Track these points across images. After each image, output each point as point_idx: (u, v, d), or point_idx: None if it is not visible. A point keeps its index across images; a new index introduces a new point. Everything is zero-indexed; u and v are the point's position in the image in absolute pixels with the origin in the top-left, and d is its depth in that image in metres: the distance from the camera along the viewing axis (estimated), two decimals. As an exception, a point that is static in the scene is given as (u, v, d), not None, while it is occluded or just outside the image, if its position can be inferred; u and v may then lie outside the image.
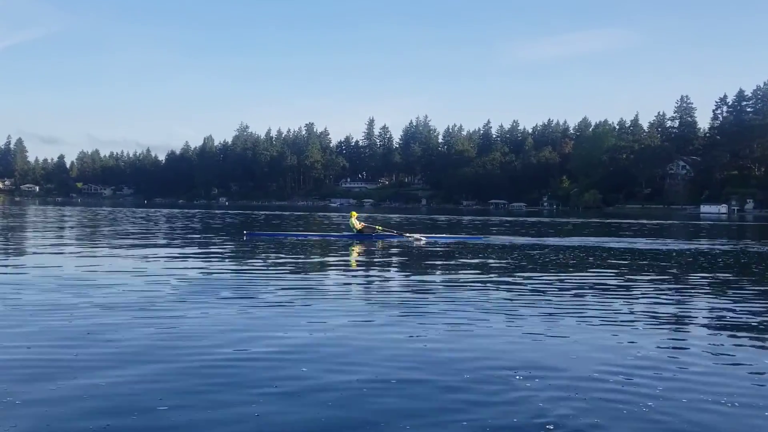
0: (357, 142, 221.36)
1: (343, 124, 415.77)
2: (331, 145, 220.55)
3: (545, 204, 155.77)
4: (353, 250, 21.47)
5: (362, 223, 27.41)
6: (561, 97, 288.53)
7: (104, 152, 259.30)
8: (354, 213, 28.07)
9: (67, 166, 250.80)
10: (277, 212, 78.95)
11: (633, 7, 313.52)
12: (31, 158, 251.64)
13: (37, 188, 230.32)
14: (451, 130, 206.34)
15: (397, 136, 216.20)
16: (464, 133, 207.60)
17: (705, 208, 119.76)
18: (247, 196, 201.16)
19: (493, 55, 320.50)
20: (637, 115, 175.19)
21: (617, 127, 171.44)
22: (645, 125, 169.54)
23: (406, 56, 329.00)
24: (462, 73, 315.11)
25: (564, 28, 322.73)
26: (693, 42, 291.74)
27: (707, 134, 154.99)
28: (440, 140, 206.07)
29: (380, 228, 27.31)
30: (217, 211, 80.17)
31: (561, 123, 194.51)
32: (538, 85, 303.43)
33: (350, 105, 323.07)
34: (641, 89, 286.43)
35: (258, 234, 27.96)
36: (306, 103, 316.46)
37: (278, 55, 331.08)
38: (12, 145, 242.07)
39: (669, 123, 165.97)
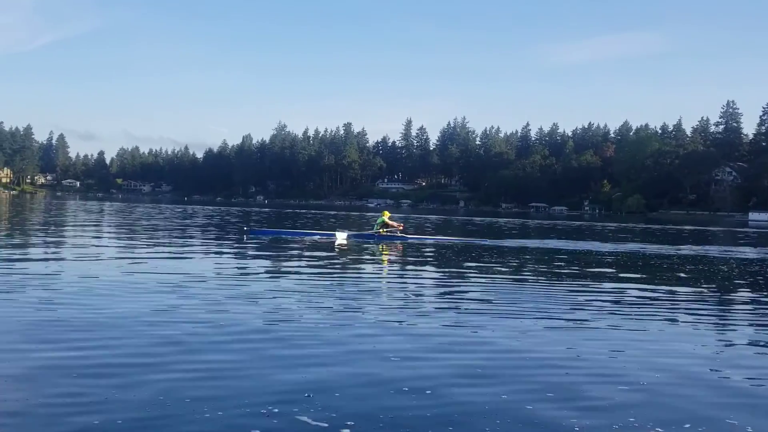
0: (394, 142, 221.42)
1: (377, 125, 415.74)
2: (368, 145, 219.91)
3: (587, 208, 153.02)
4: (382, 250, 21.12)
5: (398, 224, 26.68)
6: (596, 100, 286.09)
7: (141, 149, 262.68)
8: (386, 213, 27.01)
9: (107, 162, 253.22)
10: (319, 211, 78.21)
11: (664, 11, 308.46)
12: (71, 154, 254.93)
13: (78, 183, 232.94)
14: (488, 132, 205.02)
15: (432, 137, 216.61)
16: (501, 135, 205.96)
17: (754, 216, 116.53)
18: (284, 195, 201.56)
19: (525, 59, 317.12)
20: (680, 120, 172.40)
21: (660, 131, 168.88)
22: (687, 130, 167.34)
23: (439, 58, 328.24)
24: (495, 77, 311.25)
25: (595, 31, 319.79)
26: (726, 47, 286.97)
27: (753, 140, 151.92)
28: (477, 142, 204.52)
29: (401, 226, 26.63)
30: (261, 209, 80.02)
31: (601, 126, 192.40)
32: (570, 88, 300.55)
33: (382, 106, 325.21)
34: (677, 93, 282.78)
35: (260, 232, 27.44)
36: (339, 103, 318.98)
37: (314, 53, 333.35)
38: (54, 141, 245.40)
39: (713, 128, 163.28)
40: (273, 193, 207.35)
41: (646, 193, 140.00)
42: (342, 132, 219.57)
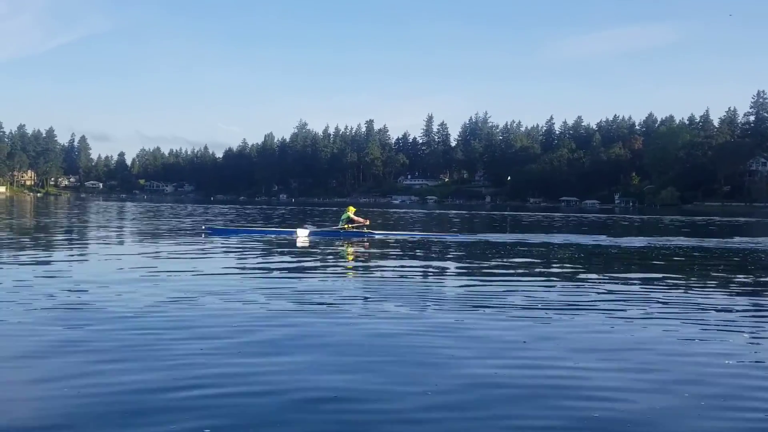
0: (415, 138, 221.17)
1: (393, 121, 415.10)
2: (390, 141, 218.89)
3: (618, 201, 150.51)
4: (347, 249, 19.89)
5: (363, 219, 25.78)
6: (616, 93, 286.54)
7: (159, 149, 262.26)
8: (352, 208, 26.03)
9: (128, 163, 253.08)
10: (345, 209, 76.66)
11: (678, 2, 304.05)
12: (92, 156, 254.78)
13: (101, 185, 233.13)
14: (509, 127, 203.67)
15: (452, 133, 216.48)
16: (522, 129, 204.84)
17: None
18: (306, 193, 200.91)
19: (541, 53, 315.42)
20: (707, 111, 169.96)
21: (687, 122, 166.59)
22: (715, 121, 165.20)
23: (454, 55, 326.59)
24: (511, 72, 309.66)
25: (606, 24, 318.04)
26: (746, 39, 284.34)
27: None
28: (499, 137, 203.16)
29: (367, 221, 25.84)
30: (289, 207, 78.95)
31: (626, 119, 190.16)
32: (590, 81, 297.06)
33: (398, 103, 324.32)
34: (698, 84, 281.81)
35: (218, 230, 25.78)
36: (354, 100, 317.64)
37: (329, 51, 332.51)
38: (76, 143, 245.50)
39: (742, 118, 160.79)
40: (296, 191, 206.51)
41: (679, 186, 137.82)
42: (363, 129, 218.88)
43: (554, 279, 13.05)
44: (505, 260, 16.56)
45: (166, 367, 5.86)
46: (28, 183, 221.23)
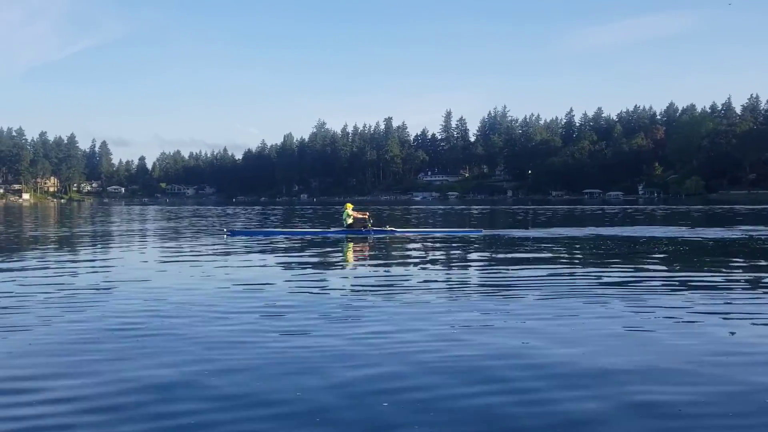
0: (434, 135, 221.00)
1: (408, 118, 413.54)
2: (409, 138, 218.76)
3: (641, 192, 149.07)
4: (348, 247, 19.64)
5: (362, 213, 24.91)
6: (633, 83, 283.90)
7: (176, 152, 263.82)
8: (349, 205, 25.39)
9: (149, 167, 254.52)
10: (371, 207, 76.56)
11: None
12: (113, 161, 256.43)
13: (123, 190, 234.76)
14: (528, 120, 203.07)
15: (472, 128, 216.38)
16: (541, 122, 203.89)
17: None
18: (327, 192, 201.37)
19: (551, 46, 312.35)
20: (729, 99, 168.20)
21: (709, 111, 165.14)
22: (737, 109, 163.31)
23: (468, 51, 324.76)
24: (525, 66, 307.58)
25: (621, 14, 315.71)
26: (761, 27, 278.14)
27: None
28: (519, 131, 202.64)
29: (366, 215, 24.93)
30: (316, 207, 79.31)
31: (647, 109, 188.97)
32: (601, 73, 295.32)
33: (413, 100, 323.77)
34: (714, 73, 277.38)
35: (241, 233, 26.17)
36: (368, 99, 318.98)
37: (344, 50, 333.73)
38: (97, 148, 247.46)
39: (764, 105, 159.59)
40: (316, 191, 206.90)
41: (703, 174, 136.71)
42: (382, 127, 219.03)
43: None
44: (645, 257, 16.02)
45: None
46: (51, 189, 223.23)
